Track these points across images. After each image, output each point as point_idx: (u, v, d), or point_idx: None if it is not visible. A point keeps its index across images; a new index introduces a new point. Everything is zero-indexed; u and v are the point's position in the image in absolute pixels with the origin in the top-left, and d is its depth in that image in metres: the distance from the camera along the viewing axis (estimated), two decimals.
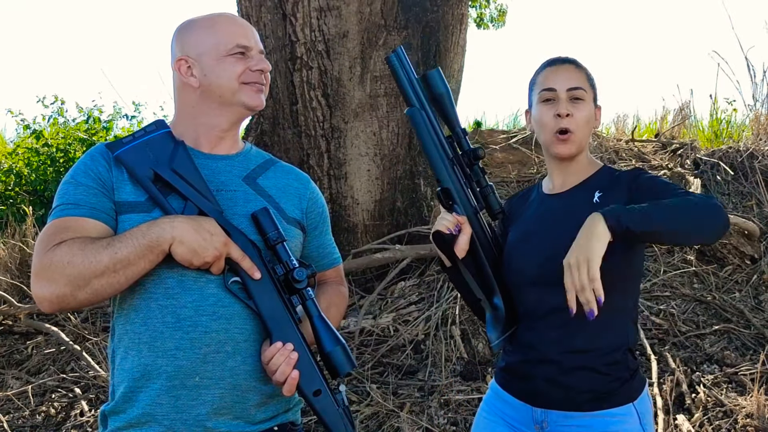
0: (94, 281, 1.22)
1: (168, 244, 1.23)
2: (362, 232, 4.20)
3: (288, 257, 1.32)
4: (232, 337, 1.30)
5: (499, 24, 8.98)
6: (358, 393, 3.15)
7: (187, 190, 1.30)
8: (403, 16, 4.14)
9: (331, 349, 1.29)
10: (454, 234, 1.49)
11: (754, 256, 3.99)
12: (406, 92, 1.53)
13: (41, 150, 6.21)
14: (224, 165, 1.41)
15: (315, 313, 1.32)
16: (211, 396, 1.30)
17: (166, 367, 1.28)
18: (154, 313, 1.29)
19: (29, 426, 3.24)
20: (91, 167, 1.32)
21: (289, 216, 1.44)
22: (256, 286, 1.30)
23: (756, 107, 5.89)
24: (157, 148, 1.32)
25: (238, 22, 1.42)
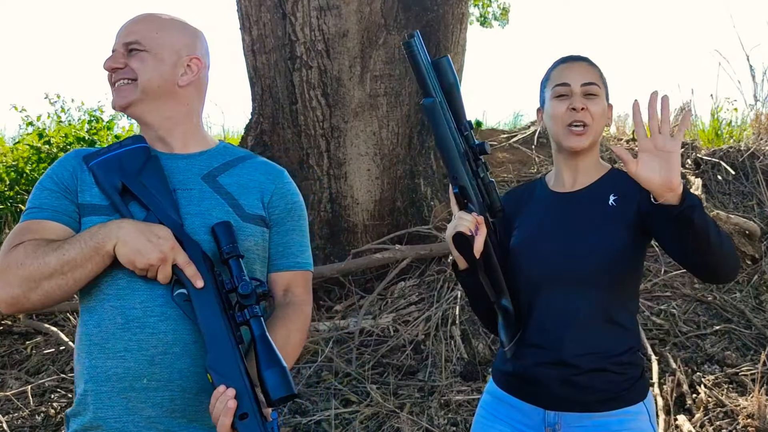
0: (43, 283, 1.23)
1: (112, 244, 1.22)
2: (362, 232, 4.19)
3: (239, 272, 1.27)
4: (181, 339, 1.28)
5: (504, 22, 8.98)
6: (358, 393, 3.15)
7: (150, 201, 1.30)
8: (403, 15, 4.14)
9: (268, 372, 1.21)
10: (474, 235, 1.44)
11: (755, 256, 3.98)
12: (425, 81, 1.43)
13: (42, 148, 6.21)
14: (184, 164, 1.40)
15: (258, 332, 1.24)
16: (161, 398, 1.27)
17: (115, 369, 1.27)
18: (107, 314, 1.29)
19: (28, 426, 3.23)
20: (57, 172, 1.35)
21: (247, 212, 1.39)
22: (198, 299, 1.25)
23: (757, 107, 5.89)
24: (129, 161, 1.34)
25: (128, 21, 1.41)
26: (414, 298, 3.74)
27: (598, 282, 1.46)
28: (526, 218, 1.60)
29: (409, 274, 3.95)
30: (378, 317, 3.62)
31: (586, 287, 1.46)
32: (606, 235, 1.47)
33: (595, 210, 1.51)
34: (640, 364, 1.52)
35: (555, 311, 1.49)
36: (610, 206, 1.50)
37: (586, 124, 1.51)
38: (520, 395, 1.54)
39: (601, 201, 1.51)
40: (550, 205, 1.58)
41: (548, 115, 1.56)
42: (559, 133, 1.53)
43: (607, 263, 1.46)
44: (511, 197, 1.67)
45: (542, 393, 1.50)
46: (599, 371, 1.46)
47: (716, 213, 4.07)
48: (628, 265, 1.48)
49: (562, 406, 1.48)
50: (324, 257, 4.15)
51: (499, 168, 5.16)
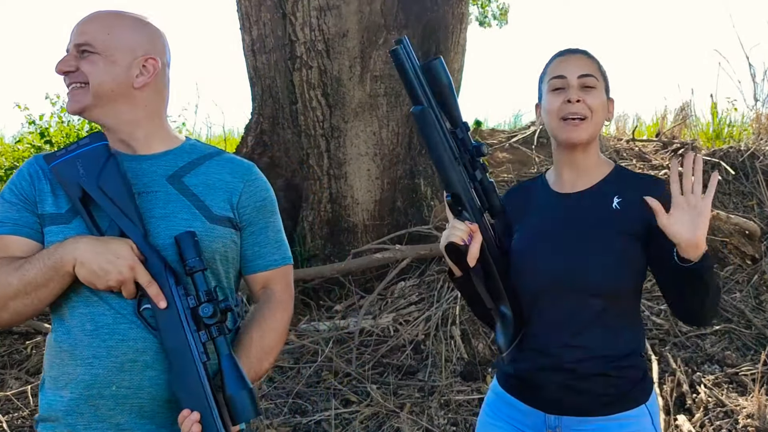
0: (10, 303, 1.23)
1: (71, 265, 1.20)
2: (362, 232, 4.19)
3: (205, 287, 1.25)
4: (151, 346, 1.25)
5: (503, 22, 8.97)
6: (358, 393, 3.14)
7: (110, 210, 1.26)
8: (403, 15, 4.14)
9: (234, 393, 1.21)
10: (467, 244, 1.41)
11: (755, 256, 3.98)
12: (413, 88, 1.39)
13: (44, 148, 6.20)
14: (148, 165, 1.35)
15: (224, 352, 1.23)
16: (130, 406, 1.25)
17: (83, 376, 1.25)
18: (76, 322, 1.26)
19: (28, 426, 3.23)
20: (16, 183, 1.32)
21: (215, 214, 1.35)
22: (162, 316, 1.23)
23: (757, 107, 5.89)
24: (88, 163, 1.28)
25: (81, 20, 1.35)
26: (414, 298, 3.74)
27: (599, 288, 1.43)
28: (527, 220, 1.56)
29: (409, 274, 3.94)
30: (378, 317, 3.62)
31: (586, 293, 1.44)
32: (608, 241, 1.44)
33: (597, 213, 1.47)
34: (642, 367, 1.50)
35: (555, 316, 1.46)
36: (613, 209, 1.46)
37: (584, 117, 1.46)
38: (520, 397, 1.53)
39: (604, 203, 1.48)
40: (551, 207, 1.54)
41: (545, 110, 1.52)
42: (555, 126, 1.49)
43: (609, 270, 1.43)
44: (511, 196, 1.63)
45: (542, 396, 1.48)
46: (599, 376, 1.44)
47: (716, 213, 4.07)
48: (631, 270, 1.45)
49: (562, 410, 1.47)
50: (324, 257, 4.15)
51: (499, 168, 5.16)
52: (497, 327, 1.52)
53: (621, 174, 1.53)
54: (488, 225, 1.49)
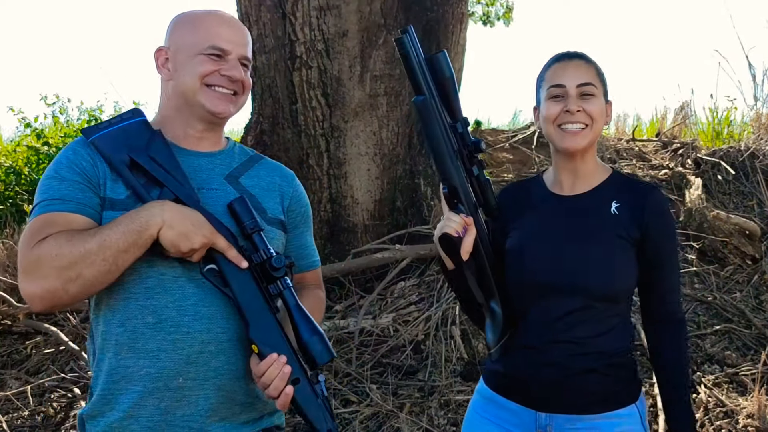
0: (84, 272, 1.17)
1: (157, 227, 1.20)
2: (362, 232, 4.19)
3: (265, 246, 1.29)
4: (216, 337, 1.28)
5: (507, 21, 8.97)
6: (358, 393, 3.14)
7: (163, 176, 1.27)
8: (403, 15, 4.13)
9: (309, 339, 1.26)
10: (461, 236, 1.43)
11: (755, 256, 3.98)
12: (417, 79, 1.40)
13: (41, 149, 6.21)
14: (206, 162, 1.38)
15: (292, 302, 1.29)
16: (196, 397, 1.28)
17: (148, 369, 1.25)
18: (134, 314, 1.26)
19: (28, 426, 3.23)
20: (75, 161, 1.28)
21: (270, 216, 1.40)
22: (233, 274, 1.26)
23: (757, 106, 5.89)
24: (134, 135, 1.29)
25: (226, 23, 1.38)
26: (414, 298, 3.74)
27: (593, 290, 1.44)
28: (524, 219, 1.56)
29: (409, 274, 3.94)
30: (378, 317, 3.62)
31: (579, 295, 1.45)
32: (604, 246, 1.46)
33: (595, 218, 1.49)
34: (631, 366, 1.51)
35: (547, 315, 1.47)
36: (611, 214, 1.48)
37: (585, 125, 1.48)
38: (511, 396, 1.53)
39: (603, 208, 1.49)
40: (549, 208, 1.55)
41: (543, 117, 1.52)
42: (553, 133, 1.50)
43: (606, 273, 1.44)
44: (506, 196, 1.63)
45: (533, 394, 1.49)
46: (590, 373, 1.45)
47: (716, 213, 4.07)
48: (626, 274, 1.47)
49: (553, 408, 1.47)
50: (324, 257, 4.15)
51: (499, 168, 5.16)
52: (486, 323, 1.52)
53: (619, 179, 1.55)
54: (482, 221, 1.50)
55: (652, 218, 1.46)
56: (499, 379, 1.56)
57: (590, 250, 1.46)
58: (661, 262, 1.48)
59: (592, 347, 1.46)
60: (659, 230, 1.47)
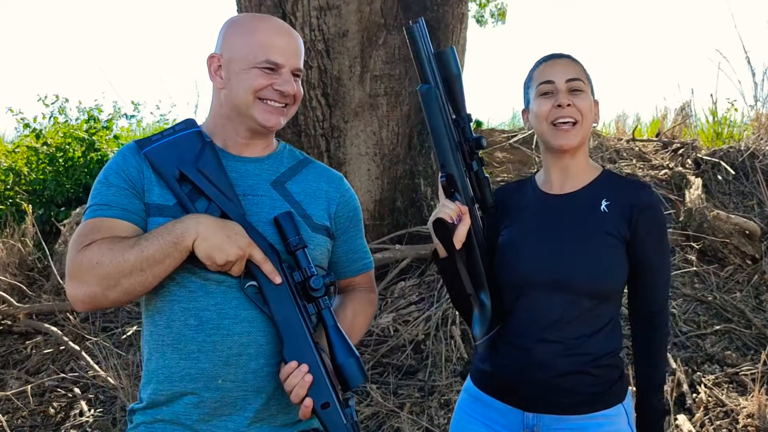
0: (123, 280, 1.22)
1: (192, 239, 1.22)
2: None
3: (307, 264, 1.30)
4: (255, 340, 1.30)
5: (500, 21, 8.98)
6: (358, 393, 3.14)
7: (210, 191, 1.29)
8: (403, 15, 4.14)
9: (344, 361, 1.27)
10: (455, 223, 1.45)
11: (755, 256, 3.98)
12: (423, 67, 1.45)
13: (41, 149, 6.21)
14: (253, 168, 1.39)
15: (330, 323, 1.30)
16: (234, 398, 1.30)
17: (189, 370, 1.29)
18: (177, 316, 1.30)
19: (28, 426, 3.23)
20: (123, 167, 1.32)
21: (316, 223, 1.41)
22: (272, 292, 1.28)
23: (757, 107, 5.89)
24: (185, 147, 1.31)
25: (280, 34, 1.38)
26: (414, 298, 3.74)
27: (582, 289, 1.44)
28: (515, 218, 1.57)
29: (409, 274, 3.95)
30: (378, 317, 3.62)
31: (568, 293, 1.45)
32: (593, 244, 1.46)
33: (585, 215, 1.49)
34: (619, 366, 1.51)
35: (536, 313, 1.47)
36: (601, 212, 1.48)
37: (576, 121, 1.48)
38: (498, 396, 1.53)
39: (593, 206, 1.49)
40: (539, 206, 1.56)
41: (534, 115, 1.53)
42: (546, 131, 1.51)
43: (592, 272, 1.44)
44: (501, 194, 1.64)
45: (521, 394, 1.49)
46: (578, 374, 1.45)
47: (716, 213, 4.07)
48: (615, 272, 1.47)
49: (540, 408, 1.47)
50: None
51: (499, 168, 5.16)
52: (474, 315, 1.53)
53: (609, 178, 1.55)
54: (477, 215, 1.52)
55: (641, 217, 1.46)
56: (487, 378, 1.56)
57: (577, 247, 1.46)
58: (648, 261, 1.48)
59: (580, 348, 1.45)
60: (648, 229, 1.47)
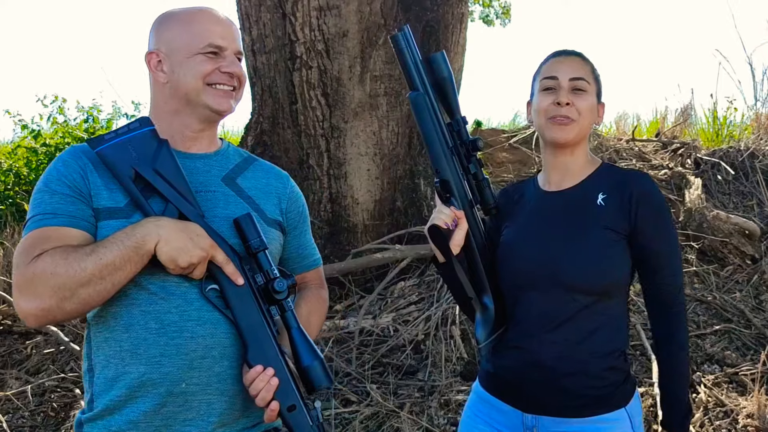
0: (80, 291, 1.17)
1: (154, 243, 1.19)
2: (362, 232, 4.19)
3: (269, 266, 1.29)
4: (219, 342, 1.27)
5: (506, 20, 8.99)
6: (358, 393, 3.14)
7: (168, 192, 1.25)
8: (403, 15, 4.14)
9: (309, 364, 1.26)
10: (451, 228, 1.45)
11: (755, 256, 3.98)
12: (411, 75, 1.45)
13: (40, 150, 6.21)
14: (202, 164, 1.37)
15: (294, 325, 1.28)
16: (198, 402, 1.27)
17: (150, 375, 1.24)
18: (137, 320, 1.25)
19: (28, 426, 3.23)
20: (65, 174, 1.27)
21: (269, 217, 1.40)
22: (234, 295, 1.26)
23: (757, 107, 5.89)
24: (140, 147, 1.27)
25: (217, 20, 1.36)
26: (414, 298, 3.74)
27: (577, 287, 1.43)
28: (515, 218, 1.57)
29: (409, 274, 3.95)
30: (378, 317, 3.62)
31: (566, 291, 1.43)
32: (588, 240, 1.44)
33: (582, 211, 1.47)
34: (623, 368, 1.48)
35: (535, 313, 1.46)
36: (598, 206, 1.46)
37: (572, 119, 1.47)
38: (500, 396, 1.52)
39: (589, 201, 1.48)
40: (537, 204, 1.55)
41: (534, 108, 1.53)
42: (542, 125, 1.50)
43: (587, 269, 1.42)
44: (503, 195, 1.64)
45: (521, 395, 1.48)
46: (578, 375, 1.43)
47: (716, 213, 4.07)
48: (614, 267, 1.44)
49: (539, 410, 1.46)
50: (324, 257, 4.13)
51: (499, 168, 5.16)
52: (477, 318, 1.52)
53: (608, 171, 1.53)
54: (477, 217, 1.51)
55: (640, 207, 1.43)
56: (490, 379, 1.56)
57: (571, 244, 1.44)
58: (652, 250, 1.44)
59: (580, 348, 1.43)
60: (647, 218, 1.43)
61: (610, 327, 1.46)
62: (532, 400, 1.47)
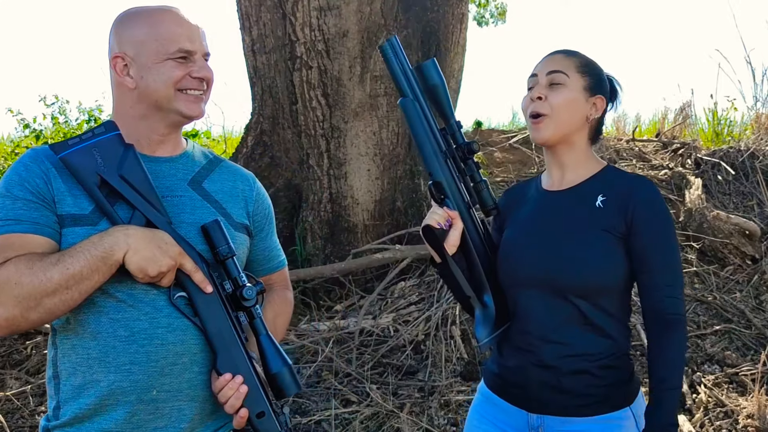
0: (45, 300, 1.15)
1: (122, 252, 1.17)
2: (362, 232, 4.19)
3: (238, 273, 1.28)
4: (189, 349, 1.26)
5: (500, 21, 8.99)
6: (358, 393, 3.14)
7: (134, 199, 1.23)
8: (403, 15, 4.14)
9: (278, 371, 1.26)
10: (444, 229, 1.45)
11: (755, 256, 3.98)
12: (399, 82, 1.49)
13: None
14: (168, 168, 1.34)
15: (263, 332, 1.28)
16: (169, 409, 1.26)
17: (120, 383, 1.23)
18: (105, 327, 1.23)
19: (28, 426, 3.23)
20: (27, 179, 1.22)
21: (236, 221, 1.38)
22: (203, 302, 1.25)
23: (757, 107, 5.89)
24: (105, 152, 1.24)
25: (184, 22, 1.32)
26: (414, 298, 3.74)
27: (571, 287, 1.42)
28: (515, 217, 1.57)
29: (409, 274, 3.95)
30: (378, 317, 3.62)
31: (563, 291, 1.42)
32: (583, 240, 1.42)
33: (580, 211, 1.46)
34: (626, 368, 1.47)
35: (535, 314, 1.46)
36: (596, 207, 1.44)
37: (543, 114, 1.45)
38: (504, 396, 1.52)
39: (588, 202, 1.46)
40: (537, 204, 1.54)
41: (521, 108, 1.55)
42: (527, 124, 1.52)
43: (587, 267, 1.41)
44: (507, 195, 1.65)
45: (525, 395, 1.48)
46: (580, 373, 1.43)
47: (716, 213, 4.07)
48: (611, 268, 1.42)
49: (544, 409, 1.46)
50: (324, 257, 4.15)
51: (499, 168, 5.16)
52: (477, 317, 1.52)
53: (610, 173, 1.51)
54: (475, 218, 1.52)
55: (638, 211, 1.41)
56: (494, 379, 1.56)
57: (566, 244, 1.43)
58: (647, 258, 1.41)
59: (581, 348, 1.43)
60: (646, 223, 1.41)
61: (613, 327, 1.45)
62: (536, 400, 1.47)
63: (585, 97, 1.49)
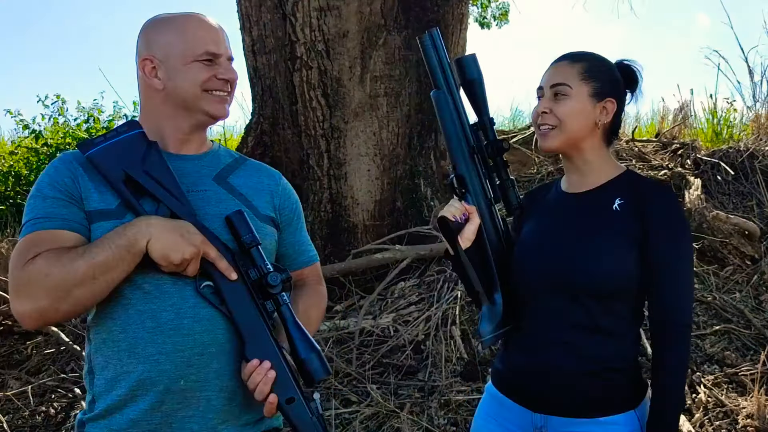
0: (74, 291, 1.19)
1: (145, 241, 1.20)
2: (362, 232, 4.19)
3: (263, 261, 1.29)
4: (216, 339, 1.28)
5: (503, 22, 8.99)
6: (358, 393, 3.15)
7: (159, 192, 1.27)
8: (403, 15, 4.14)
9: (306, 357, 1.27)
10: (460, 222, 1.47)
11: (755, 256, 3.99)
12: (435, 74, 1.51)
13: (41, 150, 6.21)
14: (193, 165, 1.39)
15: (289, 318, 1.29)
16: (197, 399, 1.28)
17: (149, 373, 1.25)
18: (133, 319, 1.26)
19: (29, 426, 3.23)
20: (56, 179, 1.29)
21: (262, 214, 1.41)
22: (229, 291, 1.27)
23: (756, 107, 5.90)
24: (129, 149, 1.30)
25: (209, 27, 1.39)
26: (414, 298, 3.74)
27: (583, 290, 1.42)
28: (534, 218, 1.58)
29: (409, 274, 3.95)
30: (378, 317, 3.62)
31: (575, 293, 1.43)
32: (598, 243, 1.43)
33: (597, 214, 1.47)
34: (633, 371, 1.48)
35: (544, 314, 1.46)
36: (614, 211, 1.45)
37: (550, 126, 1.48)
38: (510, 395, 1.53)
39: (605, 206, 1.47)
40: (554, 206, 1.56)
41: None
42: (536, 133, 1.55)
43: (592, 272, 1.42)
44: (529, 196, 1.67)
45: (530, 394, 1.49)
46: (587, 376, 1.43)
47: (716, 213, 4.08)
48: (618, 272, 1.42)
49: (548, 409, 1.46)
50: (324, 257, 4.15)
51: None
52: (483, 312, 1.53)
53: (629, 178, 1.52)
54: (496, 215, 1.54)
55: (654, 216, 1.42)
56: (501, 378, 1.57)
57: (582, 245, 1.44)
58: (660, 265, 1.41)
59: (587, 350, 1.43)
60: (661, 229, 1.41)
61: (619, 331, 1.45)
62: (540, 399, 1.47)
63: (592, 103, 1.48)
